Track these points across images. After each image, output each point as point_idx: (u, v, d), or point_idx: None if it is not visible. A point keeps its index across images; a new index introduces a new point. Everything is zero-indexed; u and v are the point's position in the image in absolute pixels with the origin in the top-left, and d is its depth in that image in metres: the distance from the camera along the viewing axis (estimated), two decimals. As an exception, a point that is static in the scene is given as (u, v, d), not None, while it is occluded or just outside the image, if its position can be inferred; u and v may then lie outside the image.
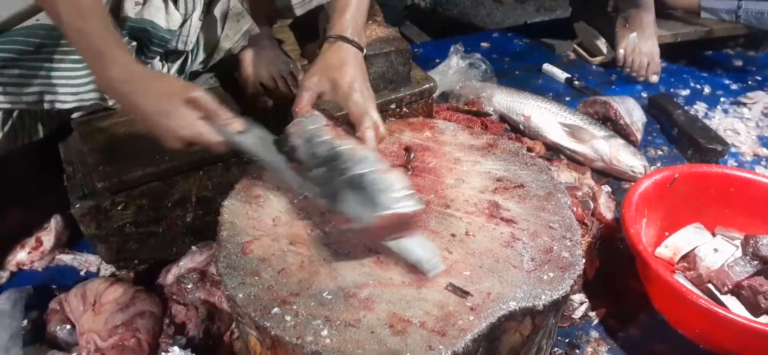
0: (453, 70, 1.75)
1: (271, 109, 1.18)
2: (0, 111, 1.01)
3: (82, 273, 1.16)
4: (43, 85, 1.02)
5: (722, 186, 1.17)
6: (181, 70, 1.20)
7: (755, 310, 1.01)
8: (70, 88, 1.04)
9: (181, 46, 1.16)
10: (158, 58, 1.14)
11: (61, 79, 1.03)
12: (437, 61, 1.83)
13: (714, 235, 1.16)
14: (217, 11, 1.17)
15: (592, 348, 1.02)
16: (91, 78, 1.04)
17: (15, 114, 1.04)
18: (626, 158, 1.39)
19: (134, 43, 1.08)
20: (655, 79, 1.83)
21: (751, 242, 1.09)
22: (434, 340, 0.65)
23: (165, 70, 1.17)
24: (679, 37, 1.95)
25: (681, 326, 1.01)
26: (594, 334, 1.04)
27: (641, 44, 1.82)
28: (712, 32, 1.96)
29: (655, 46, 1.82)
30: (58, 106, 1.05)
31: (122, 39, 0.98)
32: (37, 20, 0.97)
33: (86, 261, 1.17)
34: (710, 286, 1.05)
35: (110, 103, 1.10)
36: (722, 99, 1.81)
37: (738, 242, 1.13)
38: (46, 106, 1.04)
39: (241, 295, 0.70)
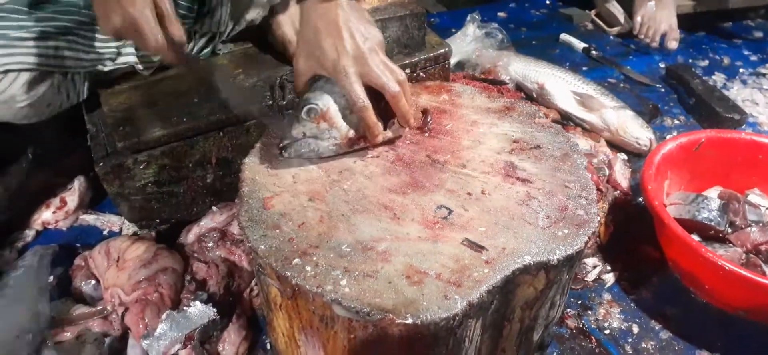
0: (469, 39, 1.75)
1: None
2: (59, 73, 1.05)
3: (105, 232, 1.19)
4: (94, 52, 1.07)
5: (750, 153, 1.18)
6: (206, 45, 1.23)
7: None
8: (111, 53, 1.09)
9: (214, 28, 1.19)
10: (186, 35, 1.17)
11: (105, 43, 1.07)
12: (453, 30, 1.83)
13: (745, 198, 1.16)
14: None
15: (605, 310, 1.03)
16: (128, 44, 1.10)
17: (69, 75, 1.08)
18: (633, 129, 1.38)
19: None
20: (674, 45, 1.81)
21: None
22: (450, 290, 0.67)
23: (193, 46, 1.20)
24: (699, 8, 1.93)
25: (691, 283, 1.02)
26: (607, 296, 1.06)
27: (659, 12, 1.80)
28: (733, 3, 1.93)
29: (673, 14, 1.80)
30: (100, 67, 1.09)
31: None
32: None
33: (109, 221, 1.20)
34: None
35: (139, 67, 1.14)
36: (741, 70, 1.79)
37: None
38: (94, 67, 1.09)
39: (262, 246, 0.72)
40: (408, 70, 1.25)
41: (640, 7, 1.85)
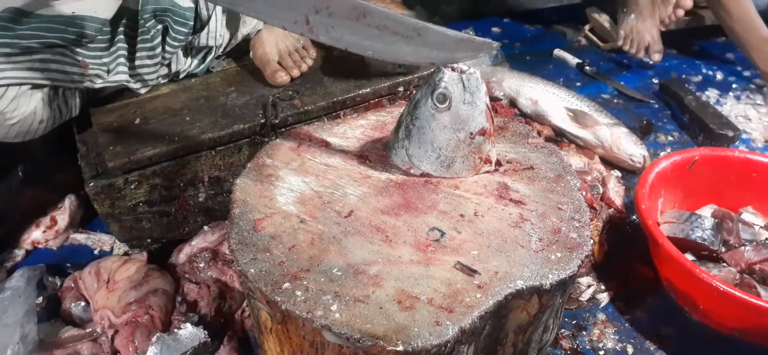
0: (463, 55, 1.74)
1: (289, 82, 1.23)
2: (49, 88, 1.05)
3: (95, 252, 1.18)
4: (83, 67, 1.06)
5: (743, 170, 1.17)
6: (203, 60, 1.24)
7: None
8: (101, 70, 1.09)
9: (211, 42, 1.19)
10: (182, 51, 1.17)
11: (95, 60, 1.07)
12: (448, 46, 1.82)
13: (739, 216, 1.16)
14: None
15: (599, 330, 1.02)
16: (119, 62, 1.10)
17: (60, 91, 1.08)
18: (627, 146, 1.38)
19: (160, 26, 1.10)
20: (657, 58, 1.82)
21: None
22: (442, 316, 0.66)
23: (189, 62, 1.20)
24: (692, 23, 1.94)
25: (686, 303, 1.02)
26: (601, 316, 1.05)
27: (639, 24, 1.81)
28: (708, 20, 1.94)
29: (654, 27, 1.81)
30: (89, 84, 1.09)
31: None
32: (74, 13, 1.00)
33: (100, 240, 1.19)
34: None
35: (132, 86, 1.14)
36: (734, 85, 1.80)
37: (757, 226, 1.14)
38: (83, 84, 1.09)
39: (252, 270, 0.71)
40: (402, 88, 1.25)
41: (622, 21, 1.86)
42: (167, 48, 1.14)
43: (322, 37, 0.80)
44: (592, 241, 0.79)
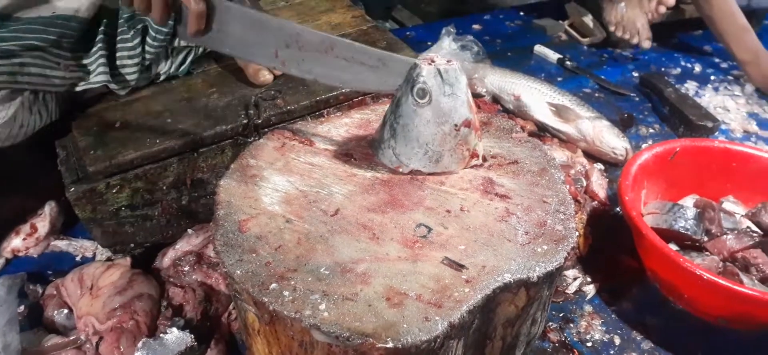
0: (445, 52, 1.75)
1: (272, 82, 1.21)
2: (29, 92, 1.03)
3: (77, 259, 1.16)
4: (64, 70, 1.05)
5: (724, 160, 1.19)
6: (183, 61, 1.23)
7: (747, 281, 1.03)
8: (81, 71, 1.08)
9: (192, 42, 1.17)
10: (163, 51, 1.16)
11: (75, 62, 1.06)
12: (429, 43, 1.83)
13: (720, 206, 1.17)
14: None
15: (587, 322, 1.03)
16: (100, 63, 1.08)
17: (40, 95, 1.06)
18: (609, 139, 1.39)
19: (139, 26, 1.09)
20: (647, 45, 1.84)
21: (761, 208, 1.13)
22: (431, 311, 0.66)
23: (169, 63, 1.19)
24: (671, 17, 1.96)
25: (671, 293, 1.03)
26: (588, 308, 1.06)
27: (629, 12, 1.84)
28: (689, 13, 1.97)
29: (643, 14, 1.83)
30: (69, 88, 1.08)
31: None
32: (54, 13, 0.99)
33: (82, 246, 1.17)
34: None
35: (113, 86, 1.13)
36: (712, 77, 1.82)
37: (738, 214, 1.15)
38: (64, 88, 1.07)
39: (239, 271, 0.71)
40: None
41: (610, 11, 1.88)
42: (147, 48, 1.12)
43: (293, 71, 0.87)
44: (577, 233, 0.79)
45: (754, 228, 1.13)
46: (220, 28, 0.86)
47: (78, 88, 1.08)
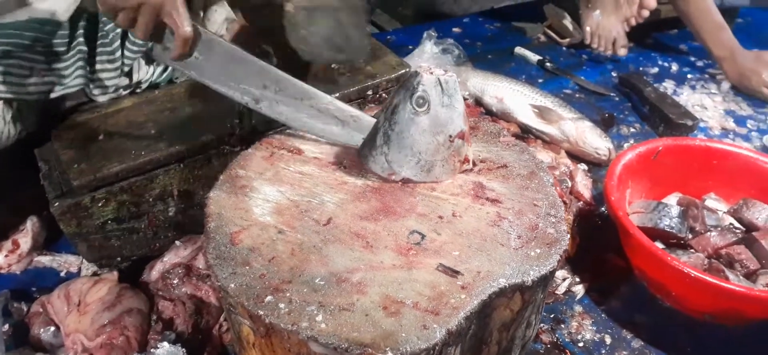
0: (427, 56, 1.75)
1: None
2: (2, 101, 1.01)
3: (62, 274, 1.13)
4: (39, 76, 1.03)
5: (705, 159, 1.21)
6: (165, 69, 1.21)
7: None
8: (58, 76, 1.05)
9: (168, 64, 1.16)
10: (143, 59, 1.15)
11: (50, 68, 1.04)
12: (410, 47, 1.84)
13: (703, 203, 1.19)
14: (197, 5, 1.17)
15: (578, 322, 1.04)
16: (77, 66, 1.07)
17: (14, 105, 1.03)
18: (592, 140, 1.41)
19: (119, 29, 1.08)
20: (622, 52, 1.86)
21: (742, 204, 1.14)
22: (428, 319, 0.66)
23: (151, 70, 1.17)
24: (649, 17, 1.99)
25: (658, 290, 1.05)
26: (578, 308, 1.07)
27: (604, 20, 1.85)
28: (664, 12, 2.00)
29: (619, 22, 1.86)
30: (45, 95, 1.06)
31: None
32: (30, 17, 0.97)
33: (66, 262, 1.15)
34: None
35: (93, 92, 1.11)
36: (689, 76, 1.85)
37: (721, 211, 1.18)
38: (39, 96, 1.05)
39: (232, 285, 0.70)
40: (370, 92, 1.25)
41: (587, 18, 1.90)
42: (127, 53, 1.11)
43: (264, 110, 0.93)
44: (568, 235, 0.80)
45: (737, 224, 1.15)
46: (200, 57, 0.89)
47: (53, 95, 1.05)
